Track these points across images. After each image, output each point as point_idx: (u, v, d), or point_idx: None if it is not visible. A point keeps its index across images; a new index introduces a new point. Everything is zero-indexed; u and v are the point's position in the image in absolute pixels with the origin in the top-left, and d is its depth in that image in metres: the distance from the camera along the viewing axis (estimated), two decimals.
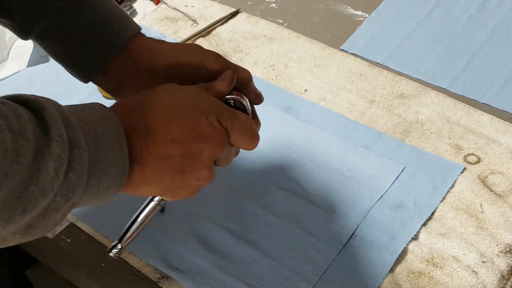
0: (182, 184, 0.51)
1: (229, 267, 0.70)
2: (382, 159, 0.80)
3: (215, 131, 0.51)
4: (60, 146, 0.39)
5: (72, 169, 0.40)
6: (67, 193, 0.40)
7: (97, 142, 0.43)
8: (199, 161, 0.50)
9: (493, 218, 0.72)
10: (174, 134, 0.49)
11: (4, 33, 0.99)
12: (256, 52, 0.98)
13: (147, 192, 0.52)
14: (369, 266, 0.69)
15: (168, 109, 0.50)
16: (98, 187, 0.44)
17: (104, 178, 0.44)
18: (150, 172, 0.49)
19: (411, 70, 0.93)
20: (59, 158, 0.39)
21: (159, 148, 0.48)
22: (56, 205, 0.40)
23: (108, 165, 0.44)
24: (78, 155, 0.41)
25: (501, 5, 1.02)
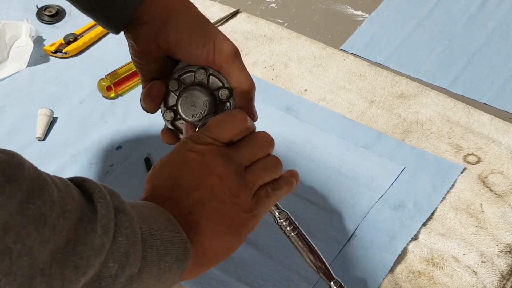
0: (235, 211, 0.50)
1: (229, 267, 0.70)
2: (382, 159, 0.80)
3: (207, 153, 0.51)
4: (104, 207, 0.39)
5: (121, 233, 0.39)
6: (120, 257, 0.39)
7: (147, 222, 0.43)
8: (225, 184, 0.50)
9: (493, 218, 0.72)
10: (188, 184, 0.49)
11: (4, 33, 0.99)
12: (256, 52, 0.98)
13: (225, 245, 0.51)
14: (369, 266, 0.69)
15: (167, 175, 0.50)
16: (159, 266, 0.43)
17: (165, 257, 0.43)
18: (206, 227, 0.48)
19: (411, 70, 0.93)
20: (104, 216, 0.38)
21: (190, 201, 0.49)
22: (111, 271, 0.39)
23: (167, 243, 0.44)
24: (126, 220, 0.40)
25: (501, 5, 1.02)
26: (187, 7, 0.59)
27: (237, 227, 0.51)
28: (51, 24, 1.05)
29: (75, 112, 0.91)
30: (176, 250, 0.44)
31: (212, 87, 0.58)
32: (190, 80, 0.58)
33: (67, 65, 0.99)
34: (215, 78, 0.57)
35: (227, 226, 0.50)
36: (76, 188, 0.39)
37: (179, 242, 0.45)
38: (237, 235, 0.51)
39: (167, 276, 0.44)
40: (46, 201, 0.35)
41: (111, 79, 0.91)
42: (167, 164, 0.51)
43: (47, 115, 0.88)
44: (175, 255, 0.44)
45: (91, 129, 0.88)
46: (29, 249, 0.33)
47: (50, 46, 1.00)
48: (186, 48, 0.56)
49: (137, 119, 0.88)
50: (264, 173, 0.53)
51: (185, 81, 0.58)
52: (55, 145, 0.86)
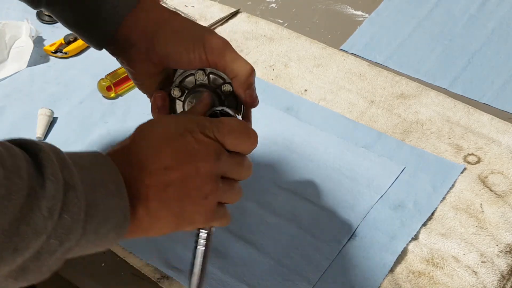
0: (194, 208, 0.50)
1: (229, 267, 0.70)
2: (382, 159, 0.80)
3: (204, 145, 0.50)
4: (54, 186, 0.38)
5: (67, 211, 0.39)
6: (62, 235, 0.39)
7: (94, 188, 0.43)
8: (199, 178, 0.49)
9: (493, 218, 0.72)
10: (166, 161, 0.48)
11: (4, 33, 0.99)
12: (256, 52, 0.98)
13: (160, 229, 0.50)
14: (369, 266, 0.69)
15: (153, 139, 0.49)
16: (96, 233, 0.43)
17: (103, 225, 0.43)
18: (155, 206, 0.48)
19: (411, 70, 0.93)
20: (53, 197, 0.38)
21: (155, 178, 0.47)
22: (50, 248, 0.39)
23: (108, 211, 0.43)
24: (74, 197, 0.40)
25: (501, 5, 1.02)
26: (169, 17, 0.59)
27: (184, 222, 0.50)
28: (51, 24, 1.05)
29: (75, 112, 0.91)
30: (116, 217, 0.44)
31: (214, 85, 0.58)
32: (191, 83, 0.58)
33: (67, 65, 0.99)
34: (215, 76, 0.58)
35: (176, 216, 0.49)
36: (25, 163, 0.38)
37: (120, 209, 0.44)
38: (179, 227, 0.50)
39: (103, 241, 0.44)
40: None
41: (111, 79, 0.91)
42: (159, 132, 0.50)
43: (47, 115, 0.88)
44: (115, 222, 0.44)
45: (91, 129, 0.88)
46: None
47: (50, 46, 1.00)
48: (178, 58, 0.57)
49: (137, 119, 0.87)
50: (232, 192, 0.54)
51: (187, 85, 0.59)
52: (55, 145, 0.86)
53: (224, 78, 0.58)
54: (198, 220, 0.51)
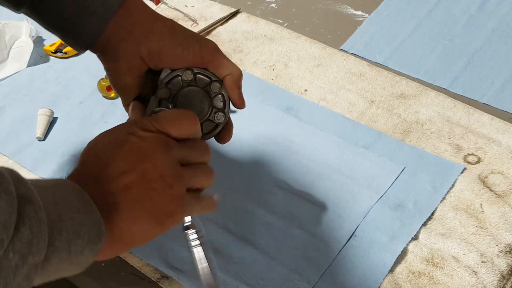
0: (163, 199, 0.50)
1: (229, 267, 0.70)
2: (382, 159, 0.80)
3: (149, 140, 0.50)
4: (5, 200, 0.37)
5: (24, 224, 0.38)
6: (21, 248, 0.38)
7: (58, 205, 0.42)
8: (157, 171, 0.49)
9: (493, 218, 0.72)
10: (120, 166, 0.48)
11: (4, 33, 0.99)
12: (256, 52, 0.98)
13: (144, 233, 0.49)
14: (369, 266, 0.69)
15: (100, 152, 0.50)
16: (69, 251, 0.42)
17: (76, 241, 0.42)
18: (127, 209, 0.48)
19: (411, 70, 0.93)
20: (5, 212, 0.37)
21: (116, 184, 0.48)
22: (10, 262, 0.37)
23: (78, 226, 0.43)
24: (31, 210, 0.39)
25: (501, 5, 1.02)
26: (160, 17, 0.59)
27: (161, 216, 0.50)
28: None
29: (75, 112, 0.91)
30: (89, 233, 0.43)
31: (201, 85, 0.58)
32: (178, 84, 0.58)
33: (67, 65, 0.99)
34: (201, 76, 0.58)
35: (150, 213, 0.49)
36: None
37: (92, 224, 0.44)
38: (159, 223, 0.50)
39: (79, 259, 0.44)
40: None
41: None
42: (102, 142, 0.51)
43: (47, 115, 0.88)
44: (87, 237, 0.43)
45: (91, 129, 0.88)
46: None
47: (50, 46, 1.00)
48: (172, 52, 0.57)
49: None
50: (199, 176, 0.53)
51: (174, 86, 0.58)
52: (55, 145, 0.86)
53: (211, 78, 0.58)
54: (173, 210, 0.51)
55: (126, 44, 0.57)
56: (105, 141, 0.51)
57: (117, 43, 0.57)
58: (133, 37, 0.57)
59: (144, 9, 0.59)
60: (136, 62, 0.58)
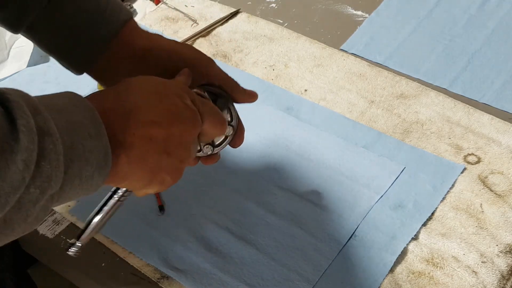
0: (168, 168, 0.50)
1: (229, 267, 0.70)
2: (382, 159, 0.80)
3: (191, 112, 0.51)
4: (27, 137, 0.37)
5: (44, 158, 0.38)
6: (42, 183, 0.39)
7: (71, 130, 0.42)
8: (181, 141, 0.50)
9: (493, 218, 0.72)
10: (155, 116, 0.49)
11: (4, 33, 0.99)
12: (256, 52, 0.98)
13: (134, 181, 0.50)
14: (369, 266, 0.69)
15: (146, 93, 0.50)
16: (80, 177, 0.43)
17: (86, 167, 0.43)
18: (136, 156, 0.48)
19: (411, 70, 0.93)
20: (27, 149, 0.37)
21: (142, 130, 0.48)
22: (31, 197, 0.38)
23: (88, 153, 0.43)
24: (50, 143, 0.39)
25: (501, 5, 1.02)
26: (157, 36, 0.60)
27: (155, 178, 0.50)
28: None
29: None
30: (97, 158, 0.44)
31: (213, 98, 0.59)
32: None
33: None
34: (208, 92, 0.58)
35: (151, 171, 0.49)
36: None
37: (101, 149, 0.44)
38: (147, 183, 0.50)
39: (89, 183, 0.44)
40: None
41: None
42: (150, 86, 0.51)
43: None
44: (96, 163, 0.44)
45: None
46: None
47: None
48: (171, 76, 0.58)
49: None
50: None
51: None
52: None
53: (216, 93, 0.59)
54: (167, 182, 0.51)
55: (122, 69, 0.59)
56: (152, 86, 0.51)
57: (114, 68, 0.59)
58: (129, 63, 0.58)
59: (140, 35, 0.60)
60: None
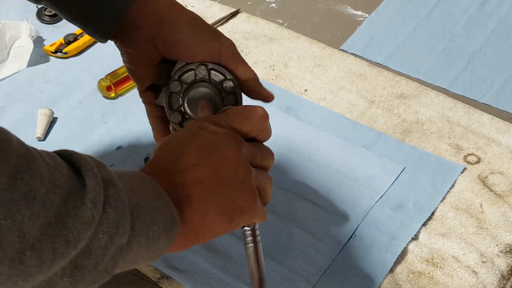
0: (236, 194, 0.50)
1: (229, 267, 0.70)
2: (382, 159, 0.80)
3: (221, 134, 0.50)
4: (93, 180, 0.39)
5: (110, 205, 0.39)
6: (109, 229, 0.39)
7: (134, 191, 0.43)
8: (229, 165, 0.49)
9: (493, 218, 0.72)
10: (192, 159, 0.49)
11: (4, 33, 0.99)
12: (256, 52, 0.98)
13: (214, 227, 0.50)
14: (369, 266, 0.69)
15: (172, 146, 0.50)
16: (147, 236, 0.43)
17: (152, 227, 0.43)
18: (199, 202, 0.48)
19: (411, 70, 0.93)
20: (93, 189, 0.38)
21: (188, 177, 0.48)
22: (100, 242, 0.39)
23: (154, 213, 0.43)
24: (114, 191, 0.40)
25: (501, 5, 1.02)
26: (181, 7, 0.59)
27: (232, 212, 0.50)
28: (51, 24, 1.05)
29: (75, 112, 0.91)
30: (164, 219, 0.44)
31: (214, 81, 0.58)
32: (191, 78, 0.58)
33: (67, 65, 0.99)
34: (216, 72, 0.57)
35: (221, 208, 0.49)
36: (64, 162, 0.39)
37: (166, 211, 0.45)
38: (230, 220, 0.50)
39: (156, 246, 0.44)
40: (34, 176, 0.35)
41: (111, 79, 0.91)
42: (176, 138, 0.51)
43: (47, 115, 0.88)
44: (163, 224, 0.44)
45: (91, 129, 0.88)
46: (19, 224, 0.34)
47: (50, 46, 1.00)
48: (190, 45, 0.57)
49: (137, 119, 0.88)
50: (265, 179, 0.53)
51: (186, 80, 0.58)
52: (55, 145, 0.86)
53: (225, 75, 0.57)
54: (245, 206, 0.50)
55: (141, 32, 0.57)
56: (178, 136, 0.51)
57: (133, 31, 0.57)
58: (149, 26, 0.57)
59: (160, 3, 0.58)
60: (149, 51, 0.58)
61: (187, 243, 0.49)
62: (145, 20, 0.57)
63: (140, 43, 0.58)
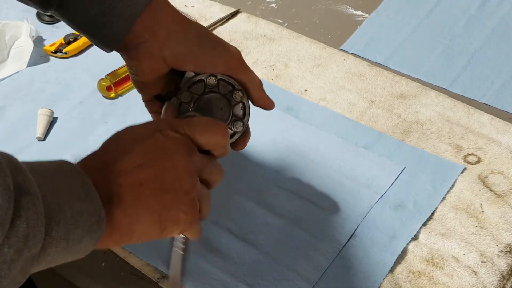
0: (175, 205, 0.48)
1: (229, 267, 0.70)
2: (382, 159, 0.80)
3: (175, 141, 0.49)
4: (3, 197, 0.36)
5: (20, 217, 0.37)
6: (16, 243, 0.37)
7: (58, 193, 0.41)
8: (176, 172, 0.48)
9: (493, 218, 0.72)
10: (137, 159, 0.47)
11: (4, 33, 0.99)
12: (256, 52, 0.98)
13: (143, 232, 0.47)
14: (369, 266, 0.69)
15: (122, 142, 0.48)
16: (67, 240, 0.41)
17: (74, 230, 0.41)
18: (132, 206, 0.46)
19: (411, 70, 0.93)
20: (1, 207, 0.36)
21: (128, 177, 0.46)
22: (6, 257, 0.36)
23: (77, 216, 0.41)
24: (29, 202, 0.38)
25: (501, 5, 1.02)
26: (186, 20, 0.59)
27: (166, 222, 0.48)
28: (51, 24, 1.05)
29: (75, 112, 0.91)
30: (88, 221, 0.42)
31: (223, 92, 0.58)
32: (200, 89, 0.58)
33: (67, 65, 0.99)
34: (224, 82, 0.58)
35: (156, 214, 0.47)
36: None
37: (92, 212, 0.43)
38: (161, 228, 0.48)
39: (78, 247, 0.42)
40: None
41: (111, 79, 0.91)
42: (128, 133, 0.50)
43: (47, 115, 0.88)
44: (87, 226, 0.42)
45: (91, 129, 0.88)
46: None
47: (50, 46, 1.00)
48: (197, 57, 0.57)
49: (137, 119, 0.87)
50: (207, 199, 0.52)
51: (196, 90, 0.58)
52: (55, 145, 0.86)
53: (234, 85, 0.58)
54: (182, 218, 0.48)
55: (148, 45, 0.57)
56: (130, 132, 0.50)
57: (140, 44, 0.57)
58: (156, 39, 0.57)
59: (170, 11, 0.59)
60: (157, 63, 0.58)
61: (110, 243, 0.47)
62: (152, 34, 0.57)
63: (148, 55, 0.58)
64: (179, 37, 0.57)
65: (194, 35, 0.58)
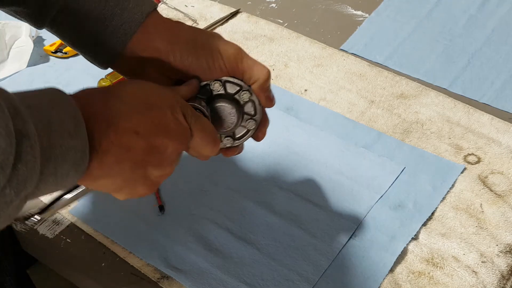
0: (142, 180, 0.49)
1: (229, 267, 0.70)
2: (382, 159, 0.80)
3: (180, 127, 0.50)
4: (5, 140, 0.37)
5: (21, 161, 0.38)
6: (17, 185, 0.38)
7: (51, 129, 0.41)
8: (163, 156, 0.49)
9: (493, 218, 0.72)
10: (138, 125, 0.47)
11: (4, 33, 0.99)
12: (256, 52, 0.98)
13: (104, 185, 0.49)
14: (369, 266, 0.69)
15: (134, 100, 0.48)
16: (55, 176, 0.42)
17: (62, 165, 0.42)
18: (110, 163, 0.46)
19: (411, 70, 0.93)
20: (4, 151, 0.37)
21: (121, 138, 0.46)
22: (6, 198, 0.38)
23: (66, 152, 0.42)
24: (28, 146, 0.39)
25: (501, 5, 1.02)
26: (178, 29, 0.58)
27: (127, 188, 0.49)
28: None
29: None
30: (74, 157, 0.43)
31: (230, 93, 0.58)
32: (207, 95, 0.58)
33: (67, 65, 0.99)
34: (231, 84, 0.58)
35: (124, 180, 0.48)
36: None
37: (78, 149, 0.43)
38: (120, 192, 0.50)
39: (64, 180, 0.43)
40: None
41: (111, 79, 0.91)
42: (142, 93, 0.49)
43: None
44: (73, 161, 0.43)
45: None
46: None
47: (50, 46, 1.00)
48: (198, 70, 0.57)
49: None
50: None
51: (203, 95, 0.58)
52: None
53: (241, 86, 0.58)
54: (140, 192, 0.50)
55: (147, 64, 0.57)
56: (144, 93, 0.49)
57: (138, 63, 0.58)
58: (153, 58, 0.57)
59: (163, 28, 0.58)
60: (158, 78, 0.58)
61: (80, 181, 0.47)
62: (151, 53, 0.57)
63: (148, 73, 0.58)
64: (179, 53, 0.57)
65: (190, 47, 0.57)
